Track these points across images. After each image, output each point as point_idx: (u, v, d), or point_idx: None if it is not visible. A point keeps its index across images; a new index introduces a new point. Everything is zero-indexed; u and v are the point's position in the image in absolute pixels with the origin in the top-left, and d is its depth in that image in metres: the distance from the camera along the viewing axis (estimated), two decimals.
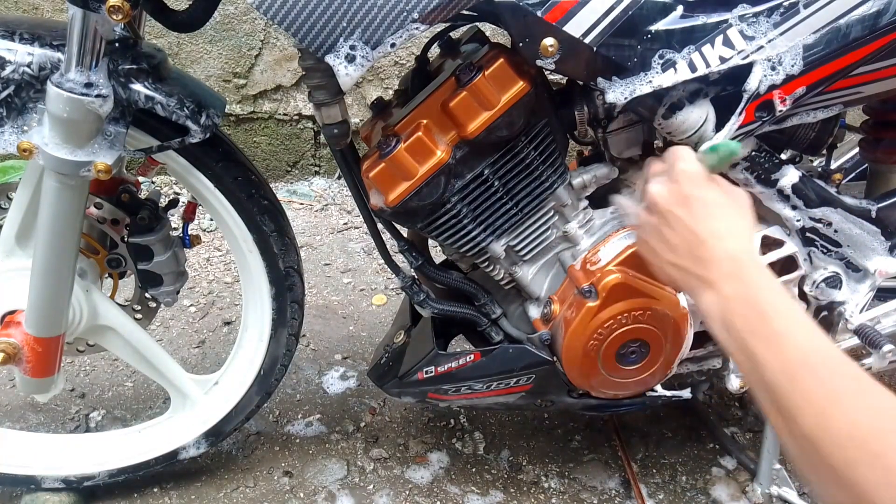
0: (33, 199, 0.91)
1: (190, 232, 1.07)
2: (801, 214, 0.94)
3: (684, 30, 0.78)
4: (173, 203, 1.11)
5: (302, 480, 1.21)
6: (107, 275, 1.06)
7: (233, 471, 1.22)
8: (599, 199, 0.97)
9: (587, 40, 0.77)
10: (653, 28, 0.78)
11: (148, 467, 1.13)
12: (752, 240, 0.66)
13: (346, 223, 2.12)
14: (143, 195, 1.03)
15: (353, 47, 0.75)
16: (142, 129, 0.89)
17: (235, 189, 0.97)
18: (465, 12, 0.78)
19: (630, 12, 0.76)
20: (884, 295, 1.05)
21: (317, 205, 2.22)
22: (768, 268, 0.65)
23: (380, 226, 0.97)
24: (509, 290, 1.02)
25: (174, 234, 1.04)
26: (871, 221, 0.96)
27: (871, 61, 0.82)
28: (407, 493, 1.19)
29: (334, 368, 1.48)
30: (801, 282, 1.00)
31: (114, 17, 0.71)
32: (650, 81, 0.79)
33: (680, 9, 0.78)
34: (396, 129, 0.85)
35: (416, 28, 0.74)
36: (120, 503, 1.15)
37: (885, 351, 0.96)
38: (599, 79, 0.80)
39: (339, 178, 2.33)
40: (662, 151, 1.00)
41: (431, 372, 1.01)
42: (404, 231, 1.00)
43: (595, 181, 0.93)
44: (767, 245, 0.95)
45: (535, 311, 1.01)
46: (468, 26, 0.97)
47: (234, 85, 2.16)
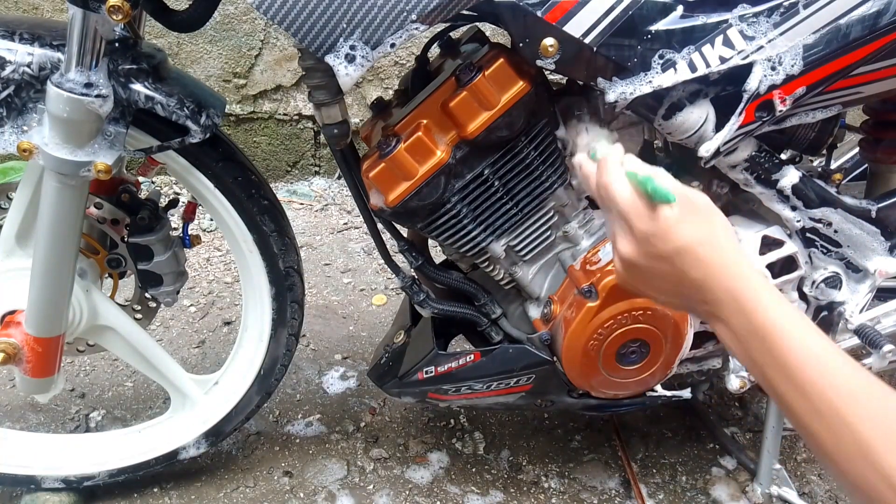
0: (33, 199, 0.91)
1: (190, 232, 1.07)
2: (800, 215, 0.94)
3: (684, 30, 0.78)
4: (173, 203, 1.11)
5: (302, 480, 1.21)
6: (107, 275, 1.06)
7: (233, 471, 1.22)
8: None
9: (587, 40, 0.77)
10: (653, 28, 0.78)
11: (148, 467, 1.13)
12: (743, 261, 0.63)
13: (346, 223, 2.12)
14: (143, 195, 1.03)
15: (353, 47, 0.75)
16: (142, 129, 0.89)
17: (235, 189, 0.97)
18: (465, 12, 0.78)
19: (630, 12, 0.76)
20: (884, 295, 1.05)
21: (317, 205, 2.22)
22: (769, 283, 0.62)
23: (380, 226, 0.97)
24: (509, 290, 1.02)
25: (174, 234, 1.04)
26: (871, 221, 0.96)
27: (871, 61, 0.82)
28: (407, 493, 1.19)
29: (334, 368, 1.48)
30: (801, 282, 1.00)
31: (114, 17, 0.71)
32: (650, 81, 0.79)
33: (680, 9, 0.78)
34: (396, 129, 0.85)
35: (416, 28, 0.74)
36: (120, 503, 1.15)
37: (885, 351, 0.96)
38: (599, 79, 0.80)
39: (339, 178, 2.33)
40: (662, 152, 1.01)
41: (431, 372, 1.01)
42: (404, 231, 1.00)
43: None
44: (767, 245, 0.94)
45: (535, 311, 1.01)
46: (468, 26, 0.97)
47: (234, 85, 2.16)
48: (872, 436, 0.52)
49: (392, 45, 0.75)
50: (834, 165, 1.13)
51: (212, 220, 1.70)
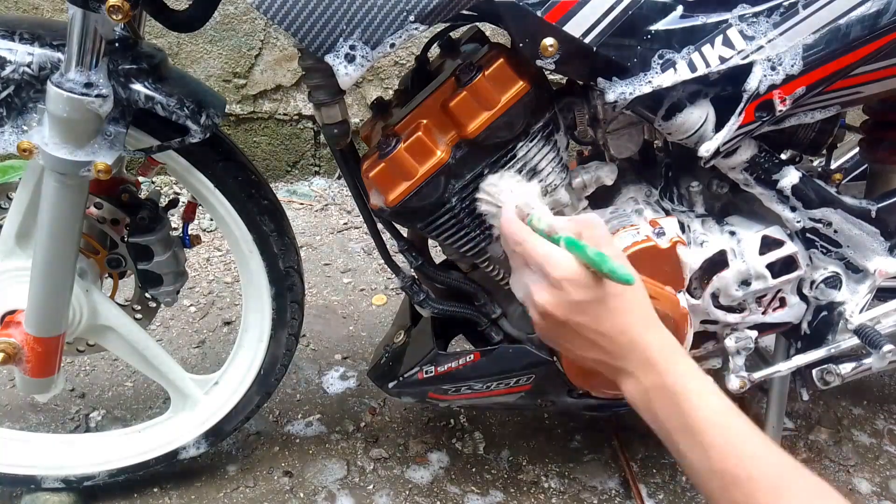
0: (33, 199, 0.91)
1: (190, 232, 1.07)
2: (800, 215, 0.94)
3: (684, 30, 0.78)
4: (173, 203, 1.11)
5: (302, 480, 1.21)
6: (107, 275, 1.06)
7: (233, 471, 1.22)
8: (599, 199, 0.97)
9: (587, 40, 0.77)
10: (653, 28, 0.78)
11: (148, 467, 1.13)
12: (656, 320, 0.65)
13: (346, 223, 2.12)
14: (143, 195, 1.03)
15: (352, 47, 0.75)
16: (142, 129, 0.89)
17: (235, 189, 0.97)
18: (464, 12, 0.78)
19: (630, 12, 0.76)
20: (884, 295, 1.05)
21: (317, 205, 2.22)
22: (682, 348, 0.64)
23: (380, 226, 0.97)
24: (509, 290, 1.02)
25: (174, 234, 1.04)
26: (871, 222, 0.96)
27: (871, 61, 0.82)
28: (407, 493, 1.19)
29: (334, 368, 1.48)
30: (801, 282, 1.00)
31: (114, 17, 0.71)
32: (650, 81, 0.79)
33: (680, 9, 0.78)
34: (396, 129, 0.85)
35: (416, 28, 0.74)
36: (120, 503, 1.15)
37: (884, 351, 0.96)
38: (599, 79, 0.80)
39: (339, 178, 2.34)
40: (662, 152, 1.01)
41: (431, 372, 1.01)
42: (404, 231, 1.00)
43: (595, 181, 0.92)
44: (767, 245, 0.95)
45: None
46: (468, 26, 0.97)
47: (234, 85, 2.16)
48: (758, 499, 0.54)
49: (392, 45, 0.75)
50: (834, 165, 1.13)
51: (212, 220, 1.70)
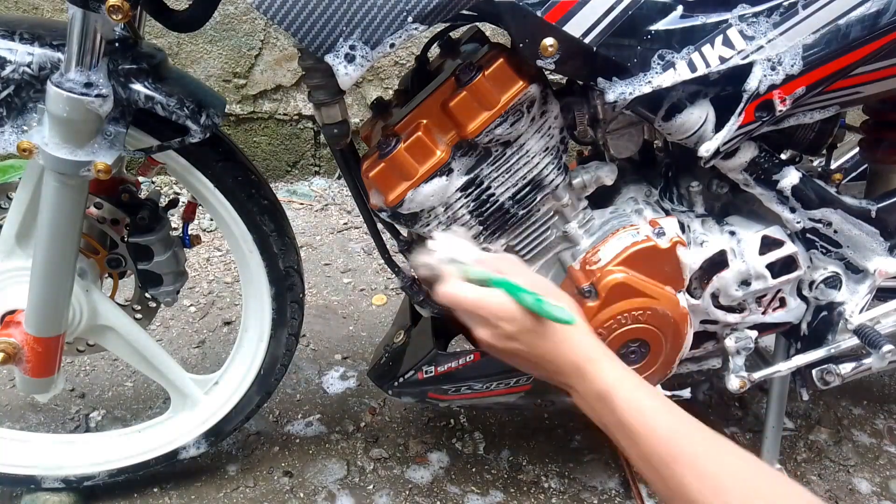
0: (33, 199, 0.91)
1: (190, 232, 1.07)
2: (800, 216, 0.94)
3: (684, 30, 0.78)
4: (173, 203, 1.11)
5: (302, 480, 1.21)
6: (107, 275, 1.06)
7: (233, 471, 1.22)
8: (599, 199, 0.97)
9: (587, 40, 0.77)
10: (653, 28, 0.78)
11: (148, 467, 1.13)
12: (584, 334, 0.71)
13: (346, 223, 2.12)
14: (143, 195, 1.03)
15: (352, 47, 0.75)
16: (142, 129, 0.89)
17: (235, 189, 0.97)
18: (464, 12, 0.78)
19: (630, 12, 0.76)
20: (884, 295, 1.05)
21: (317, 205, 2.22)
22: (610, 354, 0.70)
23: (380, 226, 0.97)
24: None
25: (174, 234, 1.04)
26: (871, 222, 0.96)
27: (871, 61, 0.82)
28: (407, 493, 1.19)
29: (334, 368, 1.48)
30: (801, 282, 1.00)
31: (114, 17, 0.71)
32: (650, 81, 0.79)
33: (680, 9, 0.78)
34: (396, 129, 0.85)
35: (416, 28, 0.74)
36: (120, 503, 1.15)
37: (884, 351, 0.96)
38: (599, 79, 0.80)
39: (339, 178, 2.34)
40: (662, 152, 1.01)
41: (431, 372, 1.01)
42: (404, 231, 1.00)
43: (595, 181, 0.92)
44: (767, 245, 0.95)
45: None
46: (468, 26, 0.97)
47: (234, 85, 2.16)
48: (682, 473, 0.58)
49: (391, 45, 0.75)
50: (834, 165, 1.13)
51: (212, 220, 1.70)
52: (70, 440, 1.14)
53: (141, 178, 1.10)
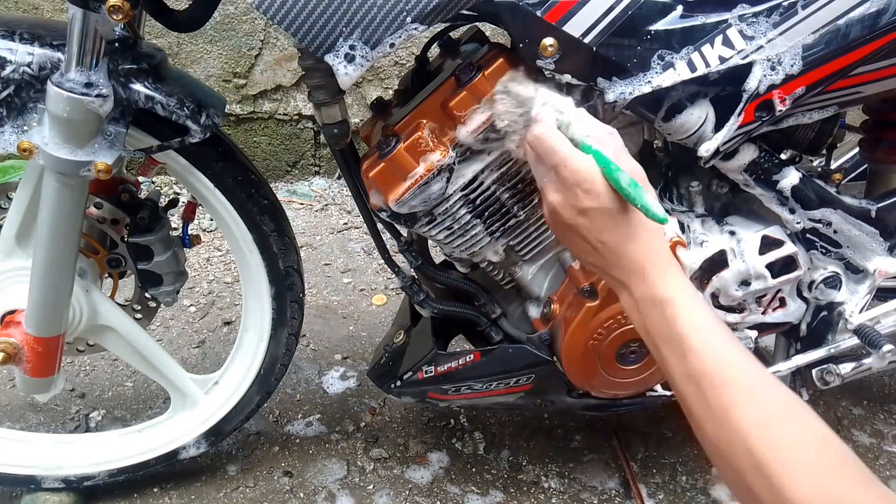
0: (33, 199, 0.91)
1: (190, 232, 1.07)
2: (800, 216, 0.94)
3: (684, 30, 0.78)
4: (173, 203, 1.11)
5: (302, 480, 1.21)
6: (107, 275, 1.06)
7: (233, 471, 1.22)
8: None
9: (587, 40, 0.77)
10: (652, 28, 0.78)
11: (148, 467, 1.13)
12: (655, 238, 0.66)
13: (346, 223, 2.12)
14: (143, 195, 1.03)
15: (352, 47, 0.75)
16: (142, 128, 0.89)
17: (235, 189, 0.97)
18: (464, 12, 0.78)
19: (630, 12, 0.76)
20: (884, 295, 1.05)
21: (317, 205, 2.22)
22: (678, 265, 0.66)
23: (380, 226, 0.97)
24: (509, 290, 1.02)
25: (174, 234, 1.04)
26: (871, 222, 0.96)
27: (871, 61, 0.82)
28: (407, 493, 1.19)
29: (334, 368, 1.48)
30: (800, 282, 1.00)
31: (114, 17, 0.71)
32: (650, 81, 0.79)
33: (679, 9, 0.78)
34: (396, 129, 0.85)
35: (416, 28, 0.74)
36: (120, 503, 1.15)
37: (884, 351, 0.96)
38: (599, 79, 0.80)
39: (339, 178, 2.34)
40: (662, 152, 1.01)
41: (431, 372, 1.01)
42: (404, 231, 1.00)
43: None
44: (767, 245, 0.95)
45: (534, 311, 1.01)
46: (468, 26, 0.97)
47: (234, 85, 2.16)
48: (732, 399, 0.56)
49: (391, 45, 0.75)
50: (834, 165, 1.13)
51: (212, 220, 1.70)
52: (70, 440, 1.14)
53: (141, 178, 1.10)
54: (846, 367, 1.03)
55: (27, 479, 1.09)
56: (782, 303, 1.01)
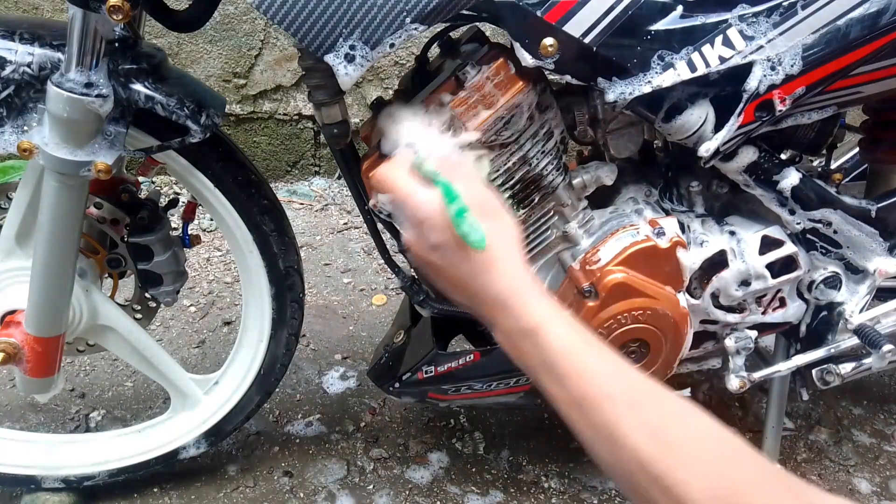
0: (33, 199, 0.91)
1: (190, 232, 1.07)
2: (800, 217, 0.94)
3: (684, 30, 0.78)
4: (173, 203, 1.11)
5: (302, 480, 1.21)
6: (107, 275, 1.06)
7: (233, 471, 1.22)
8: (599, 199, 0.97)
9: (587, 40, 0.77)
10: (652, 28, 0.78)
11: (148, 467, 1.13)
12: (515, 266, 0.63)
13: (346, 223, 2.12)
14: (143, 195, 1.03)
15: (352, 47, 0.75)
16: (142, 128, 0.89)
17: (235, 189, 0.97)
18: (464, 12, 0.78)
19: (630, 12, 0.76)
20: (884, 295, 1.05)
21: (317, 205, 2.22)
22: (540, 289, 0.63)
23: (380, 226, 0.97)
24: None
25: (174, 234, 1.04)
26: (871, 222, 0.96)
27: (871, 61, 0.82)
28: (407, 493, 1.19)
29: (334, 368, 1.48)
30: (800, 283, 1.00)
31: (114, 17, 0.71)
32: (650, 81, 0.79)
33: (680, 9, 0.78)
34: None
35: (416, 28, 0.74)
36: (120, 503, 1.15)
37: (884, 351, 0.96)
38: (599, 79, 0.80)
39: (339, 178, 2.33)
40: (662, 152, 1.01)
41: (431, 372, 1.01)
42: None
43: (595, 181, 0.93)
44: (767, 245, 0.95)
45: None
46: (468, 26, 0.97)
47: (234, 85, 2.16)
48: (616, 416, 0.54)
49: (391, 46, 0.75)
50: (834, 165, 1.13)
51: (212, 220, 1.70)
52: (70, 440, 1.14)
53: (141, 178, 1.10)
54: (846, 367, 1.03)
55: (27, 479, 1.09)
56: (782, 303, 1.01)
